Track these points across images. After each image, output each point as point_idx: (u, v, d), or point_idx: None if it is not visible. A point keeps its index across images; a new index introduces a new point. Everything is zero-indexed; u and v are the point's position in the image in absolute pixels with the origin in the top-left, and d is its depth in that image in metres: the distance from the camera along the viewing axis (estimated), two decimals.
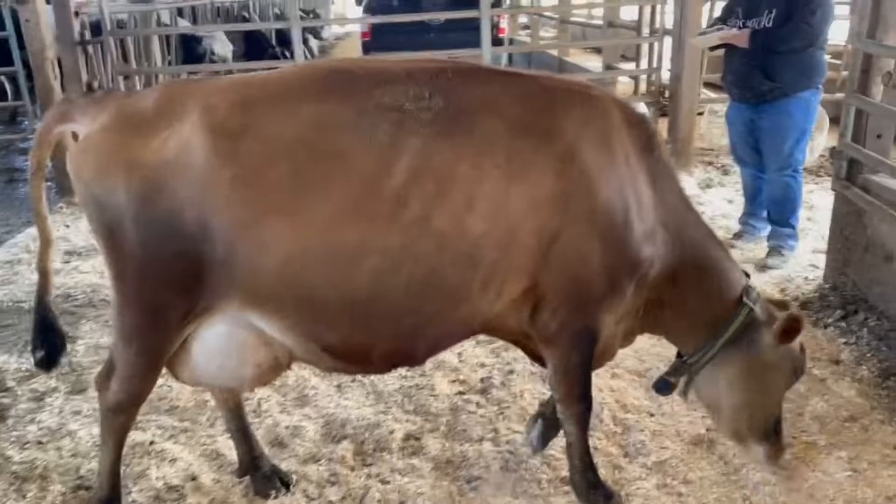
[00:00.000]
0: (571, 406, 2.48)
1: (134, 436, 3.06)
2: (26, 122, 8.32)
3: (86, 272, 4.89)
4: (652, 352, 3.66)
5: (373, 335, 2.23)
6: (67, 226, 5.89)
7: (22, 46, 6.15)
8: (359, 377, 3.49)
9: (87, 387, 3.46)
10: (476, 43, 7.01)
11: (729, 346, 2.45)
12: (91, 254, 5.26)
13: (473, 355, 3.68)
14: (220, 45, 8.86)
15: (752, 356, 2.47)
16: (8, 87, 8.86)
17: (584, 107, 2.28)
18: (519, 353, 3.60)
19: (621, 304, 2.37)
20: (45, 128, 2.29)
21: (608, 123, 2.27)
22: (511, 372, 3.50)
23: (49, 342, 2.45)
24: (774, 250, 4.76)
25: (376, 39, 10.73)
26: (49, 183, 7.20)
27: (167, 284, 2.13)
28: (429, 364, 3.54)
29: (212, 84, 2.24)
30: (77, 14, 6.78)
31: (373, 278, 2.09)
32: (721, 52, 4.95)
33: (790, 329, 2.42)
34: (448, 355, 3.65)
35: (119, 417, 2.42)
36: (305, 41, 13.93)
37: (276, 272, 2.08)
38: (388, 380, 3.45)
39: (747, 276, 2.59)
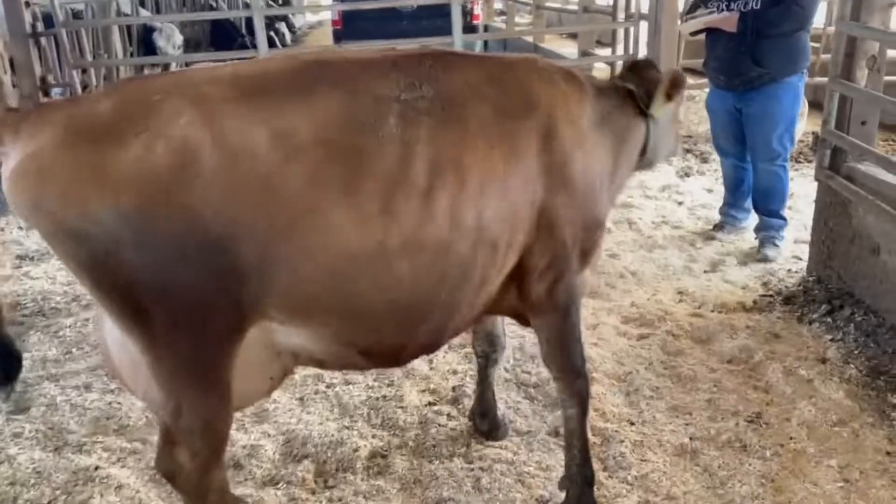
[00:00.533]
0: (571, 383, 2.47)
1: (76, 460, 2.85)
2: None
3: (37, 278, 4.63)
4: (632, 353, 3.49)
5: (409, 333, 2.16)
6: (21, 228, 5.59)
7: None
8: (322, 388, 3.29)
9: (30, 405, 3.22)
10: (449, 30, 6.79)
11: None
12: (44, 258, 4.99)
13: (445, 361, 3.49)
14: (165, 39, 8.52)
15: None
16: None
17: (543, 79, 2.31)
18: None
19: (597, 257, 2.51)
20: None
21: (563, 90, 2.33)
22: (485, 378, 3.30)
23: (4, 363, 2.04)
24: (768, 242, 4.60)
25: (347, 27, 10.48)
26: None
27: (202, 303, 1.81)
28: (398, 372, 3.36)
29: (185, 78, 1.94)
30: (28, 4, 6.46)
31: (413, 276, 2.01)
32: (701, 37, 4.77)
33: (677, 83, 2.48)
34: (418, 362, 3.46)
35: (214, 477, 2.06)
36: (277, 30, 13.60)
37: (319, 279, 1.91)
38: (353, 391, 3.25)
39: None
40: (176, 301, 1.78)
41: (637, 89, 2.51)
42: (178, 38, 8.99)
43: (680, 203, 5.60)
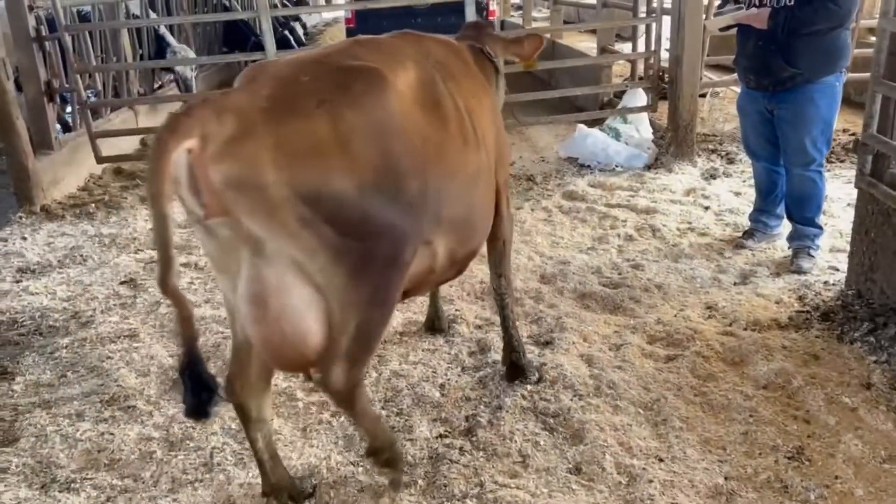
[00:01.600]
0: (510, 282, 3.29)
1: (64, 500, 2.66)
2: None
3: (36, 293, 4.47)
4: (659, 378, 3.25)
5: (478, 241, 2.78)
6: (24, 238, 5.45)
7: None
8: (326, 418, 3.09)
9: (19, 436, 3.06)
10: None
11: None
12: (45, 271, 4.84)
13: (457, 387, 3.27)
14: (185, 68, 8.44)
15: None
16: None
17: (462, 46, 3.04)
18: (506, 383, 3.22)
19: None
20: (165, 145, 1.84)
21: (466, 50, 3.05)
22: (499, 408, 3.08)
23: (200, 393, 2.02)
24: (802, 252, 4.32)
25: (361, 25, 10.27)
26: (5, 190, 6.78)
27: (401, 236, 2.18)
28: (408, 399, 3.16)
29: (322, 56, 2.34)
30: (32, 8, 6.31)
31: (480, 192, 2.64)
32: (730, 32, 4.50)
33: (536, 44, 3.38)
34: (429, 388, 3.25)
35: (361, 388, 2.35)
36: (292, 29, 13.43)
37: (453, 199, 2.43)
38: None
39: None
40: (384, 238, 2.13)
41: (484, 48, 3.20)
42: (191, 54, 8.86)
43: (706, 208, 5.32)
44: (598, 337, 3.63)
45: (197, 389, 1.99)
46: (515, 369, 3.27)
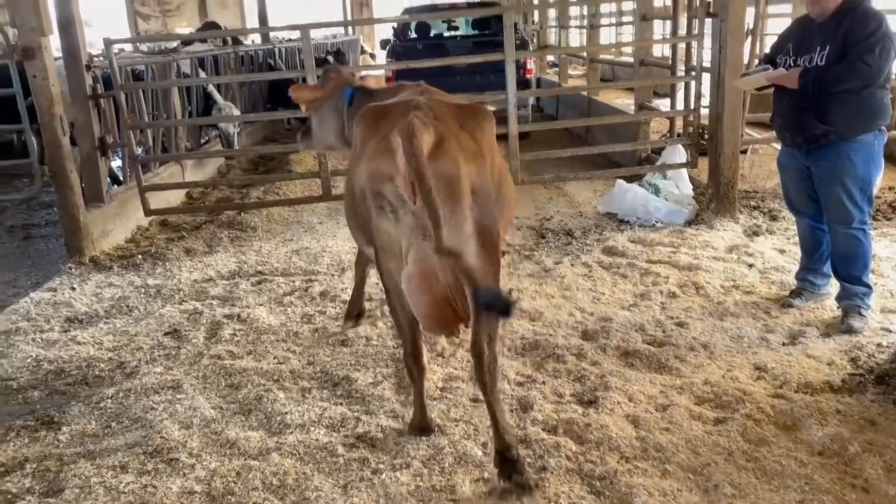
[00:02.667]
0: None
1: None
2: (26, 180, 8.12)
3: (83, 343, 4.55)
4: (708, 441, 3.16)
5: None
6: (73, 288, 5.58)
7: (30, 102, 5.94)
8: (368, 475, 3.05)
9: (64, 487, 3.07)
10: (502, 85, 6.67)
11: None
12: (92, 321, 4.94)
13: None
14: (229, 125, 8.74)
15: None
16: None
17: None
18: (550, 441, 3.16)
19: None
20: (419, 140, 2.59)
21: None
22: (543, 469, 3.02)
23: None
24: (852, 311, 4.21)
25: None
26: (56, 241, 6.99)
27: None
28: (450, 458, 3.11)
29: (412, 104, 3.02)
30: (89, 67, 6.60)
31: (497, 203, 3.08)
32: (769, 90, 4.51)
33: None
34: (472, 446, 3.21)
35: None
36: None
37: (502, 204, 3.13)
38: (401, 478, 3.00)
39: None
40: (495, 224, 2.96)
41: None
42: (236, 111, 9.15)
43: (750, 265, 5.24)
44: (644, 397, 3.56)
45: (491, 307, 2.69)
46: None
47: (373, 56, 27.52)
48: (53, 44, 6.07)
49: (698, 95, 6.62)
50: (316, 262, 5.87)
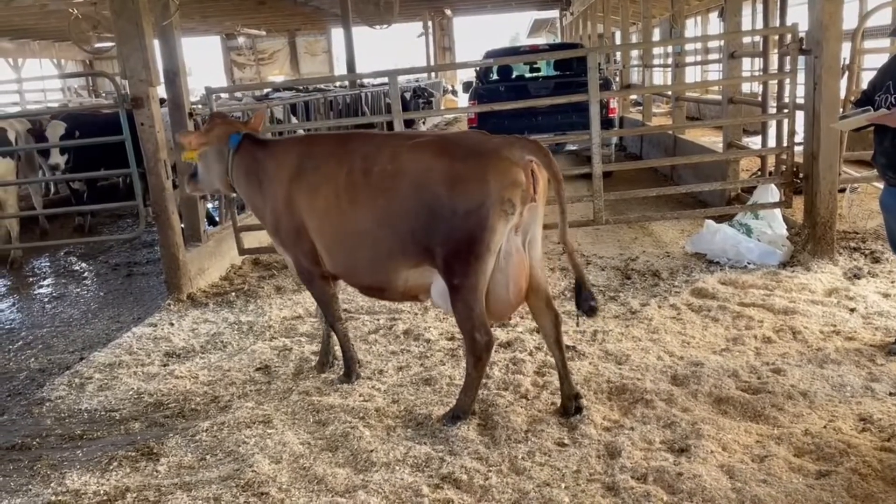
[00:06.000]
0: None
1: None
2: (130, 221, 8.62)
3: (181, 377, 4.75)
4: (811, 496, 2.98)
5: None
6: (172, 324, 5.86)
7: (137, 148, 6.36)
8: None
9: None
10: (584, 124, 6.68)
11: None
12: (189, 356, 5.16)
13: (588, 493, 3.14)
14: None
15: None
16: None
17: None
18: (640, 490, 3.06)
19: None
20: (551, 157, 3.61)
21: None
22: None
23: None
24: None
25: (483, 123, 10.62)
26: (156, 278, 7.36)
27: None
28: (534, 502, 3.06)
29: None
30: (191, 115, 7.00)
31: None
32: (869, 128, 4.34)
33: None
34: (557, 492, 3.14)
35: None
36: (416, 128, 14.16)
37: None
38: None
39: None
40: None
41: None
42: None
43: (852, 310, 4.98)
44: (739, 446, 3.41)
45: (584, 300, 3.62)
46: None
47: (454, 93, 28.12)
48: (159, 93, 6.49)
49: (792, 133, 6.42)
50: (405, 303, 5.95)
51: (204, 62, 35.25)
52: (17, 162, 9.10)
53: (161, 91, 6.62)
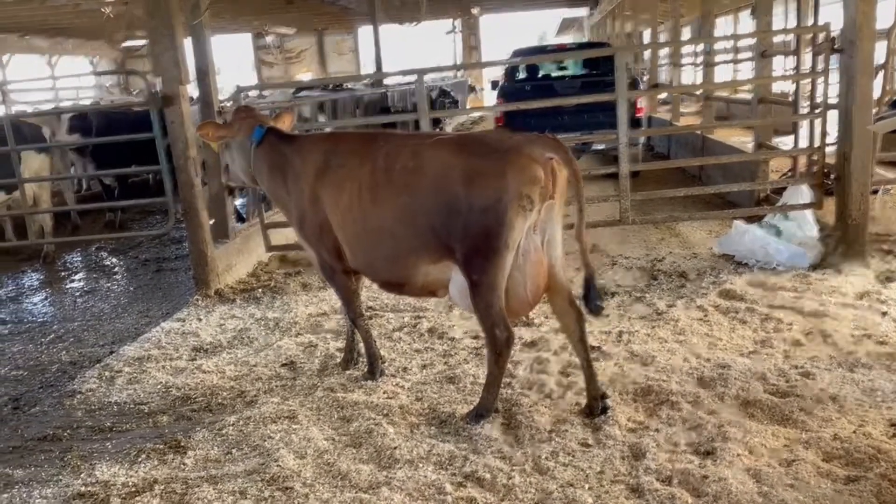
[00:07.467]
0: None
1: None
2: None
3: (208, 371, 4.81)
4: (839, 502, 2.94)
5: None
6: (200, 319, 5.94)
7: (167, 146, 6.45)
8: None
9: None
10: (611, 124, 6.63)
11: None
12: (216, 351, 5.22)
13: (612, 494, 3.12)
14: None
15: None
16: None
17: None
18: (664, 492, 3.04)
19: None
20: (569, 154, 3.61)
21: None
22: None
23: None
24: None
25: (509, 122, 10.60)
26: (185, 274, 7.45)
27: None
28: (558, 502, 3.05)
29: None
30: (220, 112, 7.08)
31: None
32: None
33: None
34: (581, 492, 3.13)
35: None
36: (442, 128, 14.19)
37: None
38: None
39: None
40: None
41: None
42: None
43: (884, 314, 4.89)
44: (766, 450, 3.37)
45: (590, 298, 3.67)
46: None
47: (481, 90, 28.11)
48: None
49: (824, 133, 6.32)
50: (424, 298, 5.97)
51: (233, 60, 35.59)
52: (51, 158, 9.28)
53: (191, 89, 6.70)
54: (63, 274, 8.49)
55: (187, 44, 6.57)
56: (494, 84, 13.42)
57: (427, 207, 3.71)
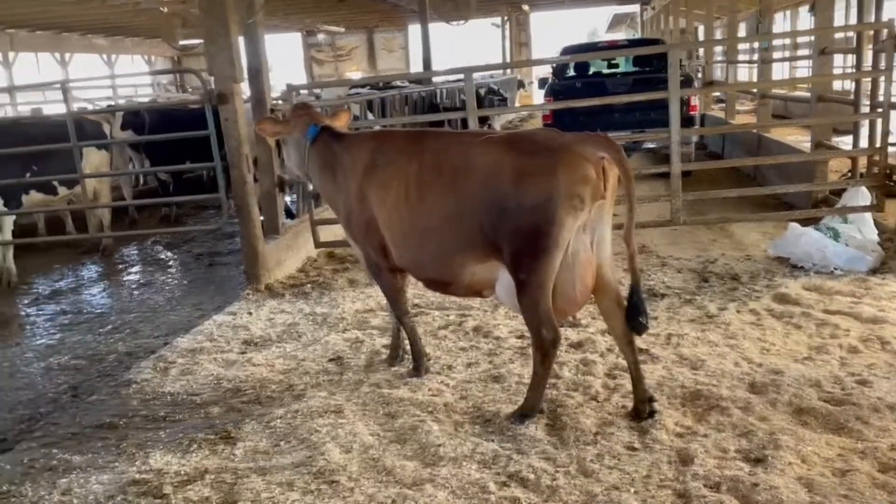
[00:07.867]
0: None
1: None
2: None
3: (258, 365, 4.91)
4: None
5: None
6: (250, 313, 6.06)
7: (221, 143, 6.59)
8: None
9: (237, 500, 3.31)
10: (663, 122, 6.53)
11: None
12: (266, 345, 5.32)
13: (658, 499, 3.08)
14: None
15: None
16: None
17: None
18: (712, 499, 2.99)
19: None
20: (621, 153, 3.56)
21: None
22: None
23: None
24: None
25: (558, 120, 10.51)
26: (237, 269, 7.62)
27: None
28: None
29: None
30: (273, 111, 7.20)
31: None
32: None
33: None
34: (626, 496, 3.10)
35: None
36: (490, 125, 14.16)
37: None
38: None
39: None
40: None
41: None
42: None
43: None
44: (819, 459, 3.28)
45: (633, 314, 3.61)
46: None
47: (530, 83, 27.97)
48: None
49: (886, 133, 6.11)
50: (470, 298, 5.97)
51: (284, 58, 36.15)
52: (111, 154, 9.59)
53: (244, 87, 6.84)
54: (120, 267, 8.77)
55: (241, 42, 6.71)
56: (543, 82, 13.33)
57: (475, 206, 3.71)
